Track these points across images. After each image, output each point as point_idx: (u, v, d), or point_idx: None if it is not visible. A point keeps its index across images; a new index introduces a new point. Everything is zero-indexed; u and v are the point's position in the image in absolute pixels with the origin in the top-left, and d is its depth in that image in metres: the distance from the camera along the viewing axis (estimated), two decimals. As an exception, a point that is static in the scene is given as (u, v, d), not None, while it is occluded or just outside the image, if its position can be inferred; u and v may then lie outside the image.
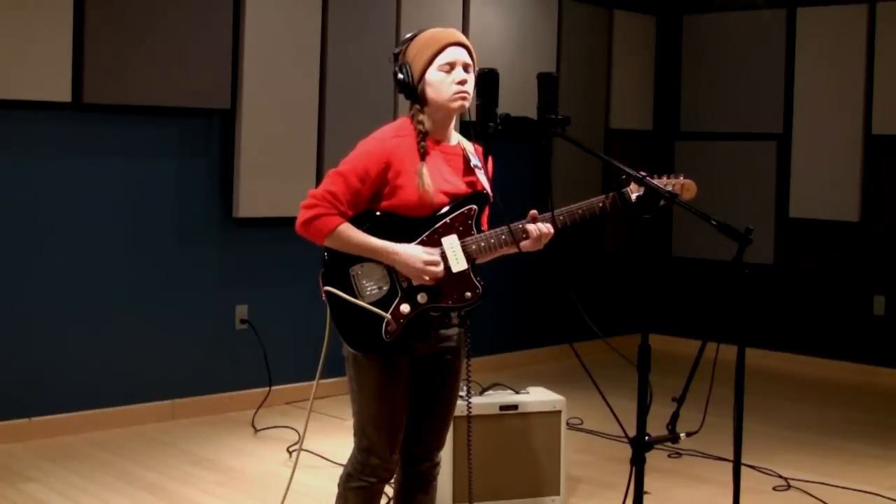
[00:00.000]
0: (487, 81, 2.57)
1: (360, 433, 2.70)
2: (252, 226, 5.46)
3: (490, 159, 2.74)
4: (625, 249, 7.47)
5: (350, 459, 2.74)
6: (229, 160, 5.36)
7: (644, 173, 2.49)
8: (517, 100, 3.04)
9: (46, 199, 4.77)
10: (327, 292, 2.63)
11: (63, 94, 4.71)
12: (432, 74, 2.65)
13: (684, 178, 2.77)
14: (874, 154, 6.72)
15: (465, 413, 3.41)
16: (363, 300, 2.61)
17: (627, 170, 2.51)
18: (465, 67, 2.66)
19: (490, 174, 2.75)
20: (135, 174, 5.06)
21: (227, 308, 5.43)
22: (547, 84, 2.52)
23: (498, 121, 2.56)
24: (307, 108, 5.55)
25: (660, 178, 2.72)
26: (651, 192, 2.46)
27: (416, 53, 2.67)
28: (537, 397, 3.98)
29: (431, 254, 2.61)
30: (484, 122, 2.56)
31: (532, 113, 2.53)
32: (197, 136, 5.29)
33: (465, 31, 6.25)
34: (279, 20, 5.40)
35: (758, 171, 7.14)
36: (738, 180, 7.19)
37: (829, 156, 6.81)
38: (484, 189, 2.72)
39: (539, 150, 6.71)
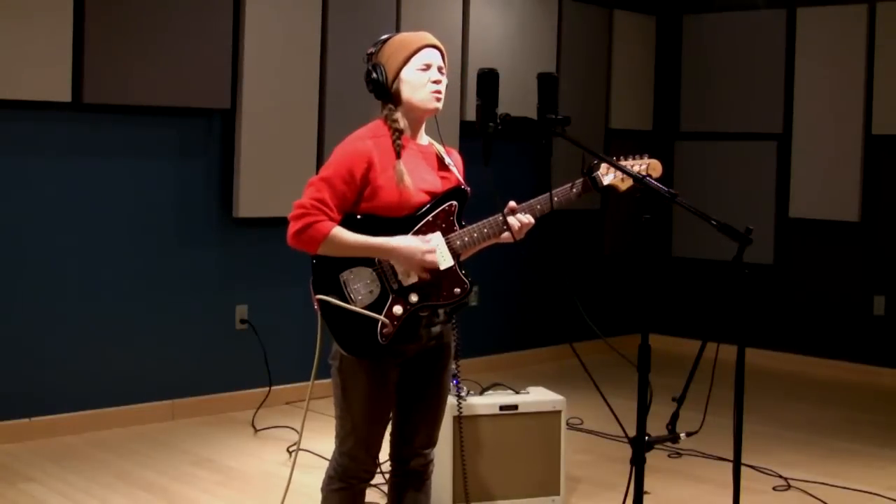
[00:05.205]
0: (487, 81, 2.57)
1: (342, 436, 2.70)
2: (252, 226, 5.46)
3: (462, 162, 2.82)
4: (624, 250, 7.47)
5: (331, 462, 2.75)
6: (229, 160, 5.36)
7: (614, 158, 2.59)
8: (517, 100, 3.04)
9: (46, 199, 4.77)
10: (320, 300, 2.63)
11: (63, 94, 4.70)
12: (408, 74, 2.67)
13: (648, 157, 2.79)
14: (874, 154, 6.72)
15: (466, 414, 3.41)
16: (355, 305, 2.61)
17: (604, 156, 2.61)
18: (440, 69, 2.70)
19: (463, 175, 2.79)
20: (135, 174, 5.06)
21: (227, 308, 5.43)
22: (547, 84, 2.52)
23: (498, 121, 2.56)
24: (307, 108, 5.55)
25: (626, 159, 2.76)
26: (650, 189, 2.46)
27: (390, 54, 2.69)
28: (537, 397, 3.98)
29: (427, 241, 2.62)
30: (484, 122, 2.56)
31: (532, 113, 2.53)
32: (197, 136, 5.29)
33: (464, 31, 6.26)
34: (279, 20, 5.40)
35: (758, 171, 7.15)
36: (738, 180, 7.19)
37: (829, 156, 6.81)
38: (461, 184, 2.74)
39: (539, 150, 6.71)
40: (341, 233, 2.58)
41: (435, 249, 2.62)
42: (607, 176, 2.77)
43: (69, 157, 4.84)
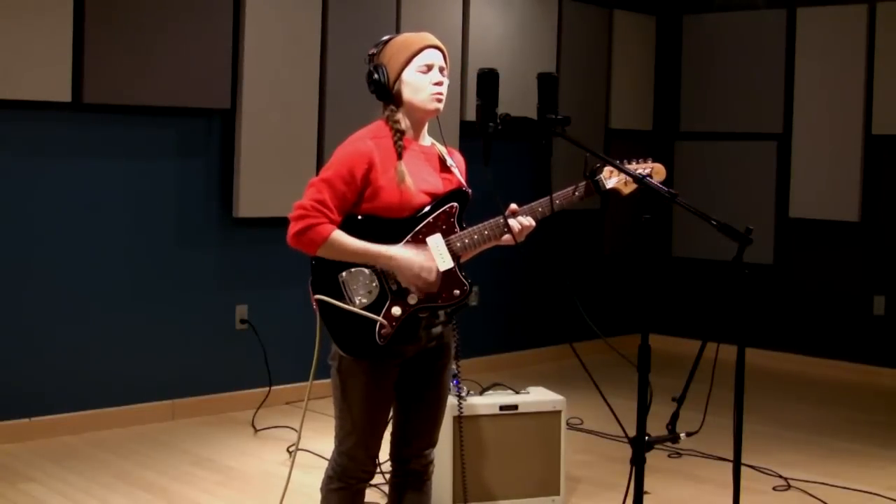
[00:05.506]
0: (487, 81, 2.57)
1: (341, 436, 2.70)
2: (252, 226, 5.46)
3: (464, 163, 2.81)
4: (624, 250, 7.47)
5: (330, 462, 2.75)
6: (229, 160, 5.36)
7: (618, 162, 2.57)
8: (517, 100, 3.04)
9: (46, 200, 4.77)
10: (319, 300, 2.62)
11: (63, 94, 4.70)
12: (410, 75, 2.67)
13: (652, 161, 2.78)
14: (874, 154, 6.72)
15: (466, 414, 3.42)
16: (354, 305, 2.61)
17: (608, 158, 2.58)
18: (441, 70, 2.70)
19: (465, 177, 2.79)
20: (135, 174, 5.06)
21: (227, 308, 5.43)
22: (547, 84, 2.53)
23: (498, 121, 2.56)
24: (307, 108, 5.55)
25: (629, 163, 2.75)
26: (650, 190, 2.47)
27: (392, 55, 2.69)
28: (537, 397, 3.98)
29: (427, 259, 2.61)
30: (484, 122, 2.56)
31: (532, 113, 2.53)
32: (197, 136, 5.29)
33: (464, 31, 6.26)
34: (279, 20, 5.40)
35: (758, 171, 7.15)
36: (738, 180, 7.19)
37: (829, 156, 6.81)
38: (462, 186, 2.74)
39: (539, 150, 6.71)
40: (341, 237, 2.57)
41: (433, 268, 2.61)
42: (610, 179, 2.77)
43: (69, 157, 4.84)
